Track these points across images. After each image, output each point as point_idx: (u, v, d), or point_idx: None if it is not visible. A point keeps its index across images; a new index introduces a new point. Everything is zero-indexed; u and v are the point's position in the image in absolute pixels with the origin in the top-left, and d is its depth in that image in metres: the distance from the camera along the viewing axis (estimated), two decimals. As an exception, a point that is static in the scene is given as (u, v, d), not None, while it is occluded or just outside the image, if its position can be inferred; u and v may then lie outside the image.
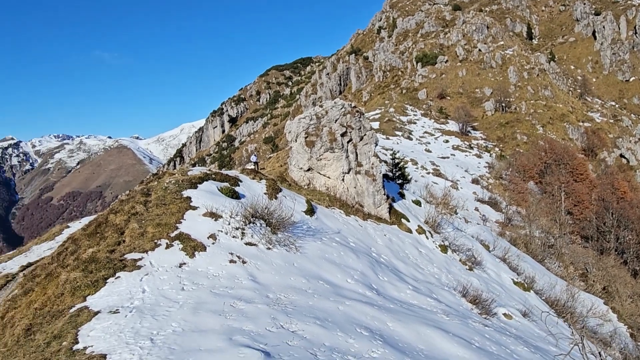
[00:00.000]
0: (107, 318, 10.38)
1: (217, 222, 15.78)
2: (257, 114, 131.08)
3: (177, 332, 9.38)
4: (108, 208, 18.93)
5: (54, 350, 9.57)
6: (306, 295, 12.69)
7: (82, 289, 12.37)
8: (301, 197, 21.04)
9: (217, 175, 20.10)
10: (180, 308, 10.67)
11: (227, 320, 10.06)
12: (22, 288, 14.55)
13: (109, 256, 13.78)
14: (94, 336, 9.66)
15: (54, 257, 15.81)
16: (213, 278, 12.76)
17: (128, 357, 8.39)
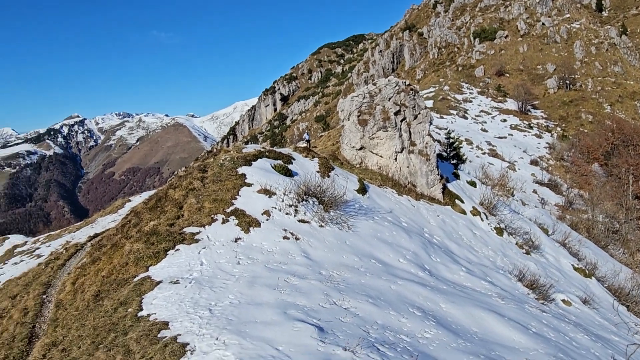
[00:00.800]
0: (168, 288, 10.88)
1: (271, 198, 16.04)
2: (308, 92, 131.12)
3: (234, 304, 9.69)
4: (167, 183, 19.68)
5: (121, 315, 10.16)
6: (358, 273, 12.73)
7: (145, 259, 12.99)
8: (353, 176, 20.97)
9: (271, 152, 20.36)
10: (237, 281, 10.99)
11: (281, 294, 10.28)
12: (90, 257, 15.47)
13: (169, 229, 14.37)
14: (157, 304, 10.16)
15: (118, 228, 16.66)
16: (267, 253, 13.04)
17: (188, 325, 8.77)
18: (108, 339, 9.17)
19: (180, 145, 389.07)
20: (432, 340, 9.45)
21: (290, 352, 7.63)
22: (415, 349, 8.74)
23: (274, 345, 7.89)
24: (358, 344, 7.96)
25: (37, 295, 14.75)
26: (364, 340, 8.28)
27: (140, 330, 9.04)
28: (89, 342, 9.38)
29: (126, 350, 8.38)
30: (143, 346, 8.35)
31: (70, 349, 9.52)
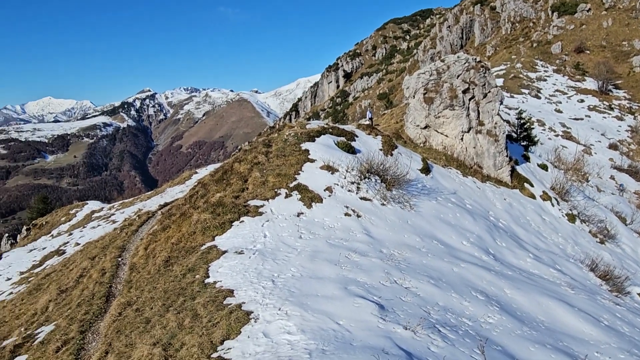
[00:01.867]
0: (233, 257, 11.26)
1: (334, 175, 16.07)
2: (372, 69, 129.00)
3: (296, 277, 9.88)
4: (232, 157, 20.22)
5: (189, 281, 10.67)
6: (420, 253, 12.57)
7: (211, 229, 13.50)
8: (417, 155, 20.55)
9: (334, 129, 20.32)
10: (299, 255, 11.18)
11: (342, 270, 10.35)
12: (160, 224, 16.30)
13: (234, 201, 14.81)
14: (222, 272, 10.57)
15: (186, 199, 17.39)
16: (329, 229, 13.14)
17: (252, 294, 9.06)
18: (177, 303, 9.68)
19: (244, 120, 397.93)
20: (496, 325, 9.19)
21: (351, 327, 7.70)
22: (478, 333, 8.54)
23: (334, 319, 7.99)
24: (419, 324, 7.89)
25: (113, 257, 15.79)
26: (425, 321, 8.19)
27: (207, 296, 9.45)
28: (160, 304, 9.95)
29: (194, 314, 8.80)
30: (210, 311, 8.74)
31: (143, 309, 10.14)
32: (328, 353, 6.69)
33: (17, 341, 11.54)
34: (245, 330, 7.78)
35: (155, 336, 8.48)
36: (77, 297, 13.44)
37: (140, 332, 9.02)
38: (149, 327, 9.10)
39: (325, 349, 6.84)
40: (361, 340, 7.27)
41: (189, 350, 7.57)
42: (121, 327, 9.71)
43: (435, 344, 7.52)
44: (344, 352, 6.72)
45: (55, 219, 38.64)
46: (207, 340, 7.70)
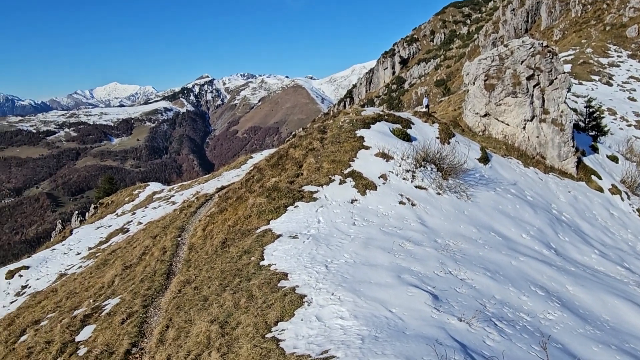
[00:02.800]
0: (287, 242, 11.45)
1: (388, 163, 15.90)
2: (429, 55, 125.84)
3: (349, 263, 9.91)
4: (288, 142, 20.43)
5: (245, 263, 10.97)
6: (476, 245, 12.25)
7: (267, 213, 13.77)
8: (475, 144, 19.94)
9: (390, 116, 20.05)
10: (352, 241, 11.20)
11: (395, 258, 10.28)
12: (218, 207, 16.80)
13: (289, 186, 15.01)
14: (277, 256, 10.78)
15: (242, 182, 17.79)
16: (382, 217, 13.06)
17: (306, 278, 9.19)
18: (234, 283, 9.98)
19: (299, 106, 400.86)
20: (556, 322, 8.84)
21: (404, 316, 7.65)
22: (536, 330, 8.25)
23: (387, 306, 7.97)
24: (474, 317, 7.72)
25: (173, 237, 16.47)
26: (481, 314, 8.00)
27: (262, 278, 9.69)
28: (217, 284, 10.30)
29: (249, 295, 9.05)
30: (264, 293, 8.95)
31: (201, 288, 10.54)
32: (381, 340, 6.69)
33: (87, 311, 12.33)
34: (298, 313, 7.92)
35: (213, 314, 8.81)
36: (140, 273, 14.16)
37: (199, 309, 9.39)
38: (206, 305, 9.45)
39: (377, 336, 6.85)
40: (414, 329, 7.21)
41: (244, 329, 7.81)
42: (181, 303, 10.15)
43: (491, 337, 7.33)
44: (396, 340, 6.69)
45: (119, 199, 40.74)
46: (261, 320, 7.91)
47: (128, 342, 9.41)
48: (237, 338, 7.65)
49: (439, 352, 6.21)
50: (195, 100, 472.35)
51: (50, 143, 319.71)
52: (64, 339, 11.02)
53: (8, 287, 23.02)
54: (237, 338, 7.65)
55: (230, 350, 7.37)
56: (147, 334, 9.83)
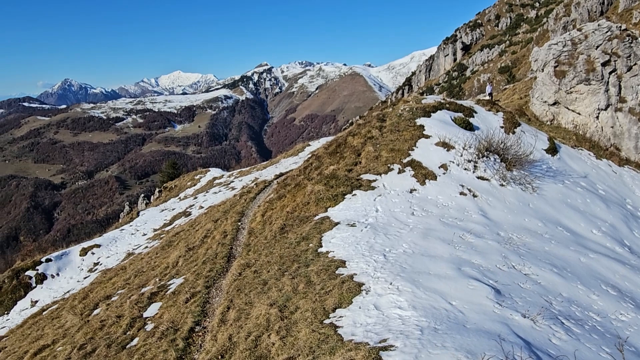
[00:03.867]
0: (345, 229, 11.49)
1: (449, 152, 15.52)
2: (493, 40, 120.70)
3: (408, 253, 9.81)
4: (346, 130, 20.39)
5: (303, 249, 11.12)
6: (542, 239, 11.74)
7: (325, 200, 13.86)
8: (542, 134, 19.02)
9: (451, 104, 19.51)
10: (411, 231, 11.07)
11: (455, 250, 10.05)
12: (276, 193, 17.09)
13: (347, 174, 15.01)
14: (335, 243, 10.84)
15: (301, 170, 17.98)
16: (442, 207, 12.79)
17: (364, 266, 9.19)
18: (292, 268, 10.15)
19: (356, 94, 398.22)
20: (629, 324, 8.34)
21: (464, 309, 7.49)
22: (607, 331, 7.83)
23: (447, 298, 7.83)
24: (539, 314, 7.43)
25: (234, 222, 16.96)
26: (546, 311, 7.69)
27: (320, 264, 9.79)
28: (276, 268, 10.52)
29: (308, 281, 9.18)
30: (322, 279, 9.05)
31: (260, 272, 10.81)
32: (440, 332, 6.59)
33: (153, 290, 13.00)
34: (356, 301, 7.95)
35: (272, 297, 9.02)
36: (202, 255, 14.72)
37: (258, 292, 9.65)
38: (266, 288, 9.69)
39: (437, 328, 6.75)
40: (475, 323, 7.04)
41: (303, 314, 7.94)
42: (241, 286, 10.46)
43: (557, 336, 7.04)
44: (457, 333, 6.57)
45: (182, 183, 42.40)
46: (320, 306, 8.00)
47: (192, 320, 9.83)
48: (296, 322, 7.79)
49: (502, 347, 6.04)
50: (254, 88, 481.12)
51: (119, 129, 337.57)
52: (132, 314, 11.68)
53: (82, 264, 24.68)
54: (296, 322, 7.79)
55: (289, 334, 7.53)
56: (209, 313, 10.23)
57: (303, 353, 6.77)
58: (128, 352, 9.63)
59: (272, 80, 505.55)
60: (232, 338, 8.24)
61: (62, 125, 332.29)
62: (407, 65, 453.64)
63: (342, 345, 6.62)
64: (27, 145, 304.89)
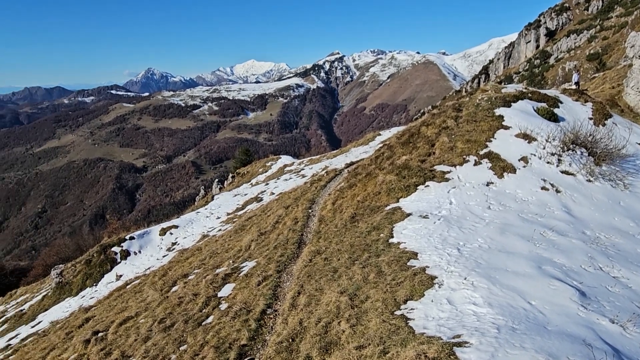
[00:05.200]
0: (417, 221, 11.27)
1: (531, 144, 14.70)
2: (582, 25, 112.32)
3: (483, 248, 9.45)
4: (419, 120, 19.93)
5: (374, 239, 11.05)
6: (634, 240, 10.85)
7: (396, 191, 13.67)
8: (638, 127, 17.52)
9: (534, 94, 18.44)
10: (487, 226, 10.64)
11: (535, 247, 9.54)
12: (347, 182, 17.09)
13: (420, 165, 14.69)
14: (406, 234, 10.67)
15: (372, 159, 17.84)
16: (521, 202, 12.18)
17: (436, 259, 8.97)
18: (363, 257, 10.13)
19: (429, 83, 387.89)
20: None
21: (545, 310, 7.10)
22: None
23: (525, 298, 7.46)
24: (630, 320, 6.88)
25: (304, 209, 17.20)
26: (639, 318, 7.10)
27: (391, 255, 9.69)
28: (346, 257, 10.55)
29: (378, 271, 9.12)
30: (394, 270, 8.95)
31: (331, 259, 10.89)
32: (519, 332, 6.30)
33: (227, 271, 13.52)
34: (428, 294, 7.79)
35: (342, 285, 9.06)
36: (274, 241, 15.08)
37: (328, 279, 9.73)
38: (336, 276, 9.75)
39: (515, 327, 6.46)
40: (557, 325, 6.66)
41: (373, 303, 7.91)
42: (311, 272, 10.60)
43: (651, 345, 6.49)
44: (537, 335, 6.25)
45: (254, 169, 43.61)
46: (390, 297, 7.93)
47: (263, 302, 10.11)
48: (366, 311, 7.78)
49: (588, 353, 5.67)
50: (325, 77, 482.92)
51: (195, 116, 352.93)
52: (208, 293, 12.23)
53: (161, 243, 26.17)
54: (366, 311, 7.78)
55: (359, 323, 7.53)
56: (280, 297, 10.47)
57: (373, 342, 6.74)
58: (204, 328, 10.10)
59: (343, 69, 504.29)
60: (302, 323, 8.38)
61: (145, 112, 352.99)
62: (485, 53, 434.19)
63: (414, 338, 6.52)
64: (113, 130, 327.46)
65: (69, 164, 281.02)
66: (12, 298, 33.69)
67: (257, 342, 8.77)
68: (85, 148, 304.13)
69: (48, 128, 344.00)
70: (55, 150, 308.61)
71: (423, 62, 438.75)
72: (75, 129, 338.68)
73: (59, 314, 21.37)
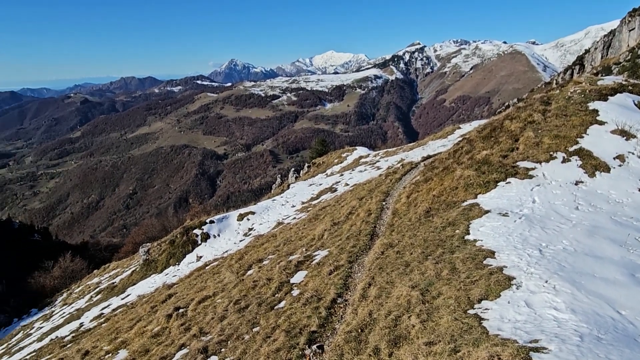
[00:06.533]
0: (496, 218, 10.80)
1: (629, 142, 13.51)
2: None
3: (568, 251, 8.87)
4: (503, 113, 19.02)
5: (448, 235, 10.77)
6: None
7: (474, 187, 13.19)
8: None
9: (635, 87, 16.91)
10: (573, 227, 9.97)
11: (629, 253, 8.80)
12: (423, 176, 16.75)
13: (501, 161, 14.04)
14: (483, 232, 10.27)
15: (450, 153, 17.33)
16: (615, 204, 11.26)
17: (516, 260, 8.56)
18: (436, 253, 9.91)
19: (515, 75, 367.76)
20: None
21: (637, 322, 6.55)
22: None
23: (614, 306, 6.92)
24: None
25: (378, 201, 17.11)
26: None
27: (466, 252, 9.39)
28: (419, 251, 10.37)
29: (452, 267, 8.88)
30: (468, 268, 8.67)
31: (403, 253, 10.76)
32: (604, 342, 5.87)
33: (300, 258, 13.81)
34: (505, 295, 7.46)
35: (414, 280, 8.93)
36: (346, 231, 15.17)
37: (400, 273, 9.63)
38: (407, 270, 9.62)
39: (601, 337, 6.02)
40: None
41: (445, 300, 7.72)
42: (383, 264, 10.55)
43: None
44: (625, 347, 5.79)
45: (329, 160, 43.96)
46: (464, 295, 7.70)
47: (334, 292, 10.23)
48: (438, 308, 7.62)
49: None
50: (404, 68, 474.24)
51: (274, 106, 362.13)
52: (281, 278, 12.58)
53: (238, 228, 27.24)
54: (438, 308, 7.62)
55: (430, 318, 7.39)
56: (350, 287, 10.53)
57: (444, 340, 6.60)
58: (276, 312, 10.42)
59: (423, 59, 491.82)
60: (372, 314, 8.38)
61: (227, 102, 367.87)
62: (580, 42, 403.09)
63: (487, 339, 6.30)
64: (198, 118, 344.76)
65: (157, 149, 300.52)
66: (106, 271, 36.82)
67: (326, 330, 8.91)
68: (172, 135, 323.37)
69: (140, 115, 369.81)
70: (145, 137, 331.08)
71: (510, 52, 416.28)
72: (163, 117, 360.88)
73: (145, 289, 23.03)
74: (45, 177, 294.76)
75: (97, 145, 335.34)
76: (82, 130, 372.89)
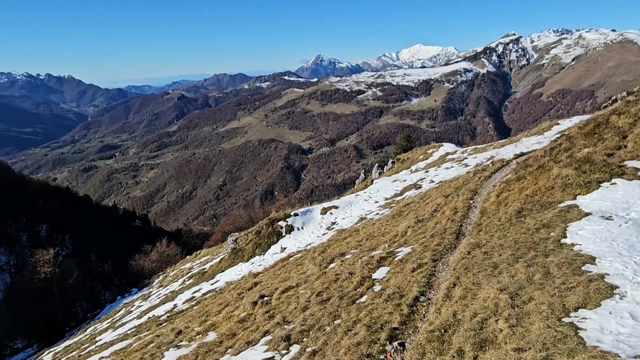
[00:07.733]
0: (598, 222, 9.98)
1: None
2: None
3: (684, 261, 7.98)
4: (609, 108, 17.51)
5: (542, 237, 10.13)
6: None
7: (573, 187, 12.29)
8: None
9: None
10: (691, 235, 8.95)
11: None
12: (515, 174, 15.90)
13: (606, 160, 12.94)
14: (583, 236, 9.54)
15: (546, 150, 16.28)
16: None
17: (619, 267, 7.85)
18: (528, 256, 9.37)
19: (625, 65, 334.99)
20: None
21: None
22: None
23: None
24: None
25: (465, 199, 16.52)
26: None
27: (562, 256, 8.78)
28: (509, 253, 9.87)
29: (546, 272, 8.35)
30: (564, 273, 8.10)
31: (491, 254, 10.30)
32: None
33: (382, 254, 13.73)
34: (606, 305, 6.88)
35: (502, 282, 8.52)
36: (431, 229, 14.82)
37: (487, 274, 9.23)
38: (496, 272, 9.20)
39: None
40: None
41: (537, 306, 7.29)
42: (469, 265, 10.18)
43: None
44: None
45: (414, 156, 43.14)
46: (558, 302, 7.21)
47: (417, 289, 10.05)
48: (528, 313, 7.21)
49: None
50: (497, 61, 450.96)
51: (359, 101, 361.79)
52: (363, 273, 12.59)
53: (322, 221, 27.63)
54: (528, 313, 7.21)
55: (519, 324, 7.02)
56: (434, 286, 10.29)
57: (535, 347, 6.24)
58: (357, 306, 10.46)
59: (518, 51, 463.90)
60: (456, 315, 8.13)
61: (313, 97, 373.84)
62: None
63: (584, 350, 5.86)
64: (284, 113, 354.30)
65: (245, 143, 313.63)
66: (197, 257, 39.19)
67: (408, 327, 8.79)
68: (259, 129, 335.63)
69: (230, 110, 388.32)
70: (235, 131, 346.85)
71: (619, 41, 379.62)
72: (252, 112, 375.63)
73: (233, 276, 24.19)
74: (146, 167, 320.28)
75: (191, 139, 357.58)
76: (178, 124, 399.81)
